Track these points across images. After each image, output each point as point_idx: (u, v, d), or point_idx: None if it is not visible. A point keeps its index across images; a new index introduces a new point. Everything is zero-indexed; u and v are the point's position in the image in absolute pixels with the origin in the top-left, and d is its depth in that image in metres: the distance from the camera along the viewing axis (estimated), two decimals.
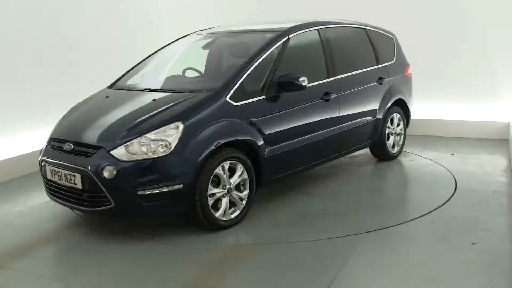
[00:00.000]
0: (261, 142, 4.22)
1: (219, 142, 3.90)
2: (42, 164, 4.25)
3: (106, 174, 3.68)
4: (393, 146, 5.89)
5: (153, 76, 5.18)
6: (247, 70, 4.27)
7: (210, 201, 3.87)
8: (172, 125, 3.80)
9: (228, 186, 3.99)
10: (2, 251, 3.88)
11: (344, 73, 5.11)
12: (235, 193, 4.06)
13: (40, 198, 4.90)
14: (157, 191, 3.69)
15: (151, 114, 3.95)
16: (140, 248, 3.83)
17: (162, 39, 7.58)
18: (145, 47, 7.68)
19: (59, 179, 4.02)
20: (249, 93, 4.24)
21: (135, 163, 3.69)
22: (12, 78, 6.03)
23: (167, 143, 3.73)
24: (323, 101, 4.82)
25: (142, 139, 3.74)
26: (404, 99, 5.96)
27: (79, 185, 3.85)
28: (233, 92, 4.12)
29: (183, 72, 5.14)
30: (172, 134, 3.77)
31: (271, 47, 4.52)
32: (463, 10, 6.90)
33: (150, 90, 4.57)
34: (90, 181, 3.77)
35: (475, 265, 3.33)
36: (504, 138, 6.62)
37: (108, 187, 3.70)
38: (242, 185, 4.14)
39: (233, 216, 4.08)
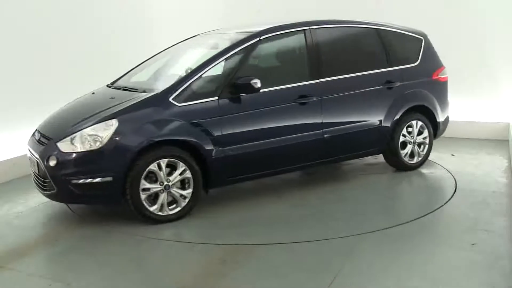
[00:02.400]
0: (207, 143, 4.27)
1: (152, 140, 4.08)
2: (28, 152, 4.65)
3: (51, 163, 4.09)
4: (411, 156, 5.42)
5: (146, 75, 5.25)
6: (199, 72, 4.38)
7: (143, 195, 4.08)
8: (107, 122, 4.09)
9: (165, 183, 4.13)
10: (2, 251, 3.88)
11: (334, 76, 4.89)
12: (174, 190, 4.19)
13: (40, 199, 4.90)
14: (89, 181, 4.02)
15: (98, 111, 4.28)
16: (140, 248, 3.84)
17: (162, 39, 7.58)
18: (145, 46, 7.69)
19: (32, 165, 4.52)
20: (198, 95, 4.34)
21: (71, 154, 4.07)
22: (12, 78, 6.03)
23: (100, 138, 4.02)
24: (297, 105, 4.67)
25: (83, 134, 4.09)
26: (428, 105, 5.45)
27: (37, 171, 4.36)
28: (179, 93, 4.26)
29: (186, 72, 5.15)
30: (106, 130, 4.05)
31: (235, 49, 4.55)
32: (463, 9, 6.89)
33: (124, 88, 4.79)
34: (42, 168, 4.22)
35: (475, 265, 3.33)
36: (504, 139, 6.62)
37: (51, 175, 4.12)
38: (187, 183, 4.24)
39: (172, 212, 4.22)
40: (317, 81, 4.81)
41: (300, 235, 3.91)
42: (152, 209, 4.14)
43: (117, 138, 4.03)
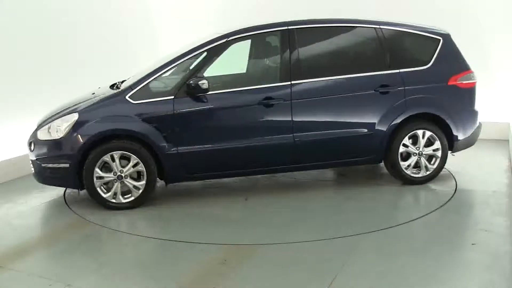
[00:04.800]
0: (159, 140, 4.50)
1: (102, 134, 4.44)
2: None
3: (31, 148, 4.71)
4: (416, 168, 4.99)
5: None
6: (157, 73, 4.62)
7: (97, 183, 4.49)
8: (70, 115, 4.55)
9: (118, 173, 4.48)
10: (2, 251, 3.88)
11: (309, 79, 4.69)
12: (128, 181, 4.53)
13: (40, 199, 4.92)
14: (52, 166, 4.56)
15: (72, 105, 4.71)
16: (140, 248, 3.84)
17: (162, 39, 7.58)
18: (145, 47, 7.69)
19: None
20: (154, 93, 4.60)
21: (44, 141, 4.61)
22: (13, 79, 6.04)
23: (62, 129, 4.51)
24: (262, 107, 4.59)
25: (53, 124, 4.59)
26: (438, 113, 4.89)
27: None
28: (135, 91, 4.56)
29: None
30: (68, 121, 4.52)
31: (199, 50, 4.67)
32: (462, 9, 6.89)
33: (115, 87, 4.98)
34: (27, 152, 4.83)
35: (475, 265, 3.33)
36: (504, 138, 6.62)
37: (31, 158, 4.75)
38: (143, 175, 4.55)
39: (124, 201, 4.57)
40: (288, 83, 4.66)
41: (300, 235, 3.91)
42: (105, 196, 4.52)
43: (75, 130, 4.46)
